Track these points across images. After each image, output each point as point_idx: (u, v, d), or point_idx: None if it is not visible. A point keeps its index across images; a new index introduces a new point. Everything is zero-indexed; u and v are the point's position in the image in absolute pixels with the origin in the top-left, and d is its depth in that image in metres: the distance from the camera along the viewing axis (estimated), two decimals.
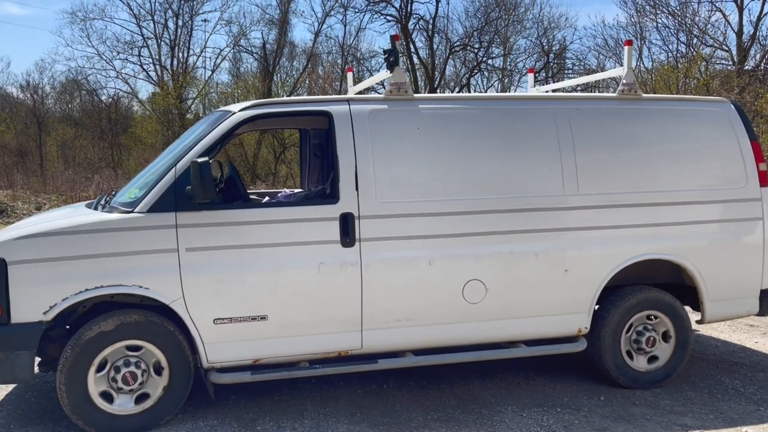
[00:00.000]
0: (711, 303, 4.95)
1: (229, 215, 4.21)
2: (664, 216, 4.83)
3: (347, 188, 4.33)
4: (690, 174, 4.93)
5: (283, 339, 4.29)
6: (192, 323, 4.12)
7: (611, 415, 4.46)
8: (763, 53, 19.50)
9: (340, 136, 4.39)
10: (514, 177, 4.64)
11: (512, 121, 4.72)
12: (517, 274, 4.60)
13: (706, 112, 5.10)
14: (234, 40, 29.42)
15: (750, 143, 5.06)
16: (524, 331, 4.72)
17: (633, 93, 4.98)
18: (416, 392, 4.87)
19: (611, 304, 4.85)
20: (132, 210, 4.09)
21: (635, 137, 4.89)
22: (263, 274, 4.21)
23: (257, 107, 4.45)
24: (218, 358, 4.21)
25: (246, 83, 28.44)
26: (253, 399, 4.68)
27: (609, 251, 4.75)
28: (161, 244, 4.06)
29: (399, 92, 4.60)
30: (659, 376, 4.95)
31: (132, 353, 4.11)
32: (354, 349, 4.43)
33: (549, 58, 28.54)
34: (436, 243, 4.47)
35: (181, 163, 4.17)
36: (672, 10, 21.45)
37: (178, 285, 4.07)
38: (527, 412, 4.50)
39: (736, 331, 6.56)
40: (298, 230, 4.26)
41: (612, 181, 4.79)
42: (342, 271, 4.30)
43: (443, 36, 28.91)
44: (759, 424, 4.32)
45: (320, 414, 4.46)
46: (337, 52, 30.15)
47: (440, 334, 4.56)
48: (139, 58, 28.29)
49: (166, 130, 25.95)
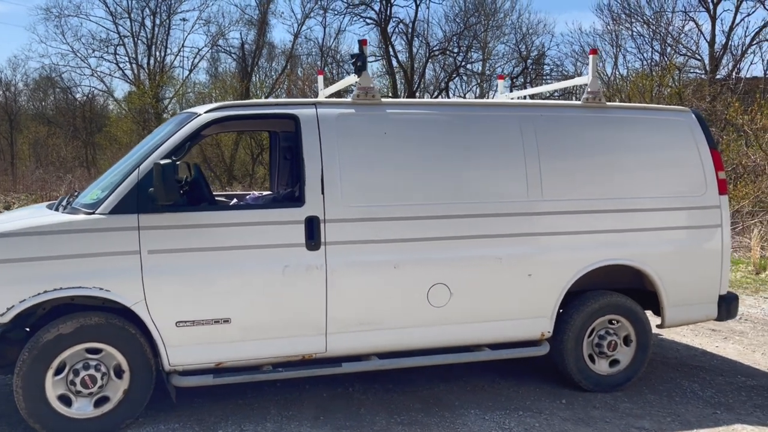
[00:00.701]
0: (671, 308, 5.05)
1: (192, 218, 4.19)
2: (626, 222, 4.92)
3: (313, 191, 4.34)
4: (652, 181, 5.02)
5: (246, 342, 4.28)
6: (154, 326, 4.10)
7: (572, 417, 4.52)
8: (734, 63, 19.91)
9: (307, 140, 4.40)
10: (480, 182, 4.69)
11: (479, 127, 4.76)
12: (481, 278, 4.64)
13: (669, 120, 5.20)
14: (212, 40, 29.30)
15: (710, 152, 5.17)
16: (488, 335, 4.77)
17: (597, 101, 5.06)
18: (381, 395, 4.88)
19: (574, 309, 4.92)
20: (94, 211, 4.05)
21: (599, 144, 4.98)
22: (227, 277, 4.20)
23: (223, 109, 4.44)
24: (180, 361, 4.19)
25: (224, 83, 28.30)
26: (216, 402, 4.66)
27: (572, 256, 4.82)
28: (123, 246, 4.02)
29: (366, 97, 4.62)
30: (620, 379, 5.03)
31: (92, 356, 4.07)
32: (318, 353, 4.44)
33: (527, 64, 28.82)
34: (402, 247, 4.50)
35: (145, 165, 4.14)
36: (647, 19, 21.87)
37: (139, 287, 4.04)
38: (490, 415, 4.54)
39: (698, 336, 6.68)
40: (263, 233, 4.26)
41: (576, 187, 4.86)
42: (307, 274, 4.31)
43: (423, 40, 29.04)
44: (715, 427, 4.42)
45: (283, 417, 4.46)
46: (317, 54, 30.13)
47: (405, 337, 4.59)
48: (115, 56, 28.07)
49: (141, 129, 25.68)
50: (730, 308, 5.22)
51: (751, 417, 4.58)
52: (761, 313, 7.71)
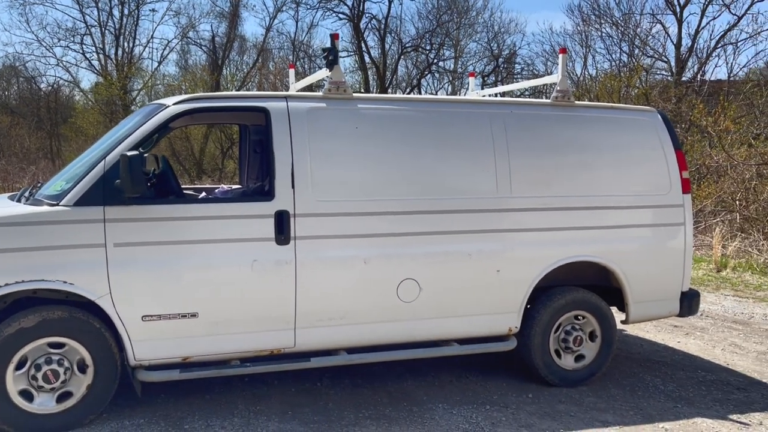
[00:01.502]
0: (635, 304, 5.16)
1: (160, 210, 4.13)
2: (593, 220, 5.00)
3: (283, 186, 4.32)
4: (618, 180, 5.11)
5: (214, 337, 4.24)
6: (119, 320, 4.03)
7: (537, 412, 4.59)
8: (699, 65, 20.37)
9: (277, 133, 4.37)
10: (450, 178, 4.72)
11: (449, 124, 4.79)
12: (450, 274, 4.67)
13: (635, 120, 5.30)
14: (182, 32, 28.81)
15: (674, 152, 5.29)
16: (457, 330, 4.80)
17: (566, 100, 5.13)
18: (350, 390, 4.89)
19: (541, 305, 4.99)
20: (57, 203, 3.96)
21: (567, 143, 5.04)
22: (194, 271, 4.15)
23: (192, 101, 4.39)
24: (146, 356, 4.13)
25: (194, 76, 27.91)
26: (183, 398, 4.61)
27: (540, 253, 4.89)
28: (88, 238, 3.95)
29: (338, 91, 4.61)
30: (585, 374, 5.12)
31: (54, 350, 3.99)
32: (287, 348, 4.42)
33: (498, 63, 29.05)
34: (372, 242, 4.50)
35: (111, 156, 4.07)
36: (616, 21, 22.21)
37: (105, 281, 3.97)
38: (457, 410, 4.58)
39: (660, 332, 6.84)
40: (232, 227, 4.22)
41: (544, 184, 4.92)
42: (276, 269, 4.29)
43: (395, 36, 29.05)
44: (675, 420, 4.52)
45: (251, 412, 4.43)
46: (289, 48, 29.91)
47: (374, 332, 4.60)
48: (81, 46, 27.40)
49: (109, 121, 25.17)
50: (691, 305, 5.35)
51: (710, 411, 4.70)
52: (722, 309, 7.92)
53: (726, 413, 4.66)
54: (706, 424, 4.47)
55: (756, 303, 8.29)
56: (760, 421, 4.53)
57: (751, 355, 6.11)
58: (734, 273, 10.02)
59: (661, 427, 4.41)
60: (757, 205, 12.54)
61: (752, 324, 7.26)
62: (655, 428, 4.38)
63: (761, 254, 10.76)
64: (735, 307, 8.05)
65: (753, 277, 9.76)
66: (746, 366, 5.77)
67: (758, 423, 4.50)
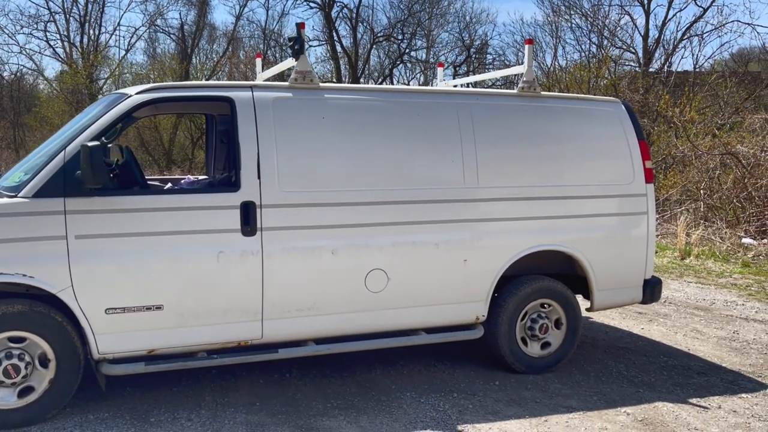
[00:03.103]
0: (599, 292, 5.25)
1: (123, 202, 4.06)
2: (558, 209, 5.07)
3: (249, 176, 4.28)
4: (582, 170, 5.18)
5: (179, 329, 4.20)
6: (82, 313, 3.97)
7: (504, 399, 4.65)
8: (666, 57, 20.71)
9: (242, 123, 4.33)
10: (417, 169, 4.73)
11: (416, 114, 4.80)
12: (418, 263, 4.70)
13: (600, 111, 5.37)
14: (150, 20, 28.31)
15: (638, 142, 5.37)
16: (425, 319, 4.84)
17: (532, 90, 5.17)
18: (318, 381, 4.90)
19: (508, 293, 5.04)
20: (16, 194, 3.88)
21: (533, 133, 5.09)
22: (159, 263, 4.10)
23: (156, 90, 4.32)
24: (110, 349, 4.08)
25: (162, 65, 27.45)
26: (149, 391, 4.57)
27: (506, 242, 4.94)
28: (48, 230, 3.87)
29: (304, 81, 4.58)
30: (551, 361, 5.21)
31: (15, 345, 3.91)
32: (254, 339, 4.40)
33: (470, 53, 29.14)
34: (339, 233, 4.50)
35: (72, 146, 3.98)
36: (585, 12, 22.42)
37: (66, 273, 3.90)
38: (425, 398, 4.62)
39: (625, 318, 6.98)
40: (196, 218, 4.18)
41: (511, 174, 4.96)
42: (242, 260, 4.26)
43: (367, 26, 28.95)
44: (637, 405, 4.63)
45: (218, 404, 4.41)
46: (259, 37, 29.61)
47: (342, 322, 4.60)
48: (45, 33, 26.78)
49: (74, 110, 24.61)
50: (654, 292, 5.47)
51: (671, 395, 4.82)
52: (684, 296, 8.11)
53: (686, 397, 4.78)
54: (667, 408, 4.58)
55: (717, 290, 8.51)
56: (719, 405, 4.66)
57: (712, 340, 6.27)
58: (697, 260, 10.26)
59: (624, 411, 4.51)
60: (720, 194, 12.83)
61: (713, 310, 7.45)
62: (618, 413, 4.48)
63: (723, 242, 11.04)
64: (697, 293, 8.25)
65: (715, 264, 10.00)
66: (707, 351, 5.92)
67: (717, 406, 4.63)
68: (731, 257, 10.35)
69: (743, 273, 9.41)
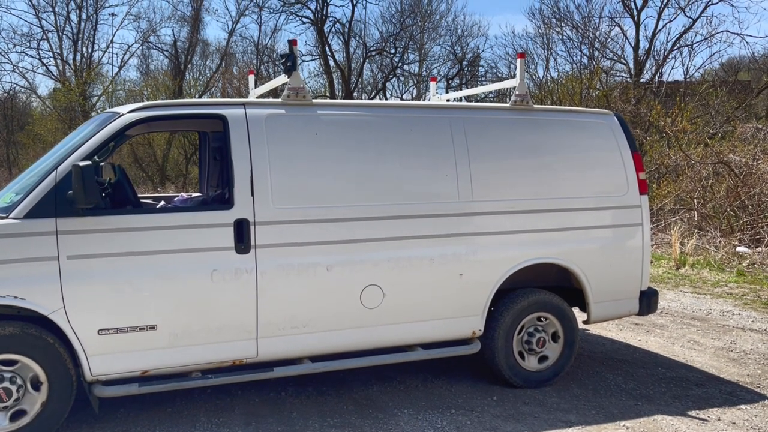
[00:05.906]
0: (596, 304, 5.23)
1: (115, 221, 4.03)
2: (552, 222, 5.06)
3: (242, 194, 4.26)
4: (576, 182, 5.18)
5: (173, 349, 4.15)
6: (74, 335, 3.92)
7: (502, 414, 4.61)
8: (656, 67, 20.86)
9: (236, 140, 4.31)
10: (411, 184, 4.72)
11: (410, 129, 4.79)
12: (413, 279, 4.67)
13: (592, 123, 5.39)
14: (143, 37, 28.36)
15: (631, 153, 5.38)
16: (421, 335, 4.80)
17: (525, 104, 5.18)
18: (315, 398, 4.85)
19: (504, 307, 5.02)
20: (7, 215, 3.84)
21: (526, 146, 5.09)
22: (152, 283, 4.07)
23: (147, 109, 4.30)
24: (103, 371, 4.03)
25: (156, 81, 27.49)
26: (144, 411, 4.51)
27: (502, 256, 4.92)
28: (39, 251, 3.83)
29: (297, 97, 4.57)
30: (549, 375, 5.17)
31: (6, 368, 3.86)
32: (249, 358, 4.36)
33: (462, 66, 29.29)
34: (334, 249, 4.48)
35: (63, 167, 3.96)
36: (576, 24, 22.60)
37: (58, 295, 3.86)
38: (423, 415, 4.58)
39: (622, 330, 6.95)
40: (189, 236, 4.15)
41: (505, 188, 4.96)
42: (236, 278, 4.23)
43: (359, 40, 29.09)
44: (636, 418, 4.60)
45: (213, 424, 4.36)
46: (252, 52, 29.69)
47: (338, 339, 4.56)
48: (38, 51, 26.76)
49: (68, 128, 24.59)
50: (650, 303, 5.45)
51: (670, 408, 4.79)
52: (680, 306, 8.10)
53: (685, 409, 4.75)
54: (666, 420, 4.55)
55: (714, 299, 8.50)
56: (718, 417, 4.63)
57: (709, 351, 6.25)
58: (693, 270, 10.26)
59: (623, 425, 4.47)
60: (714, 203, 12.87)
61: (710, 320, 7.44)
62: (617, 427, 4.44)
63: (718, 251, 11.05)
64: (693, 303, 8.24)
65: (711, 273, 10.01)
66: (704, 362, 5.90)
67: (716, 418, 4.60)
68: (726, 266, 10.36)
69: (738, 282, 9.42)
